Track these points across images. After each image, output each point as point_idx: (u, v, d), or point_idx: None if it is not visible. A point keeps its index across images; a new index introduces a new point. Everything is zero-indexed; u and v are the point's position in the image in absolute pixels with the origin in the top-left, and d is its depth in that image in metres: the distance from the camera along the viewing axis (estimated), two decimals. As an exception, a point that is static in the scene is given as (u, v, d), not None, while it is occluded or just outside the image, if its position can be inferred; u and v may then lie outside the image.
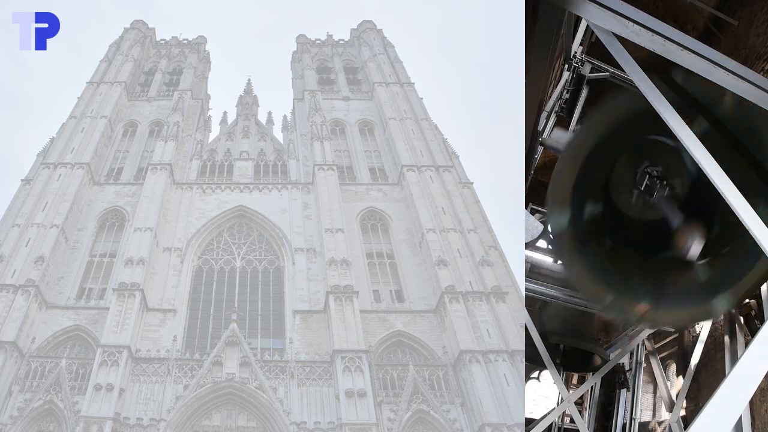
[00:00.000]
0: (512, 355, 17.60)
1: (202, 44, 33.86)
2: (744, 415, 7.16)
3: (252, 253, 22.27)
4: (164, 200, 22.87)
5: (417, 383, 17.39)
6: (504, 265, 20.52)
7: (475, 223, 21.97)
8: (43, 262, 19.99)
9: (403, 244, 22.11)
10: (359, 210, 23.24)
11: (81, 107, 26.96)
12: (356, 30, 33.81)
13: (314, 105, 27.75)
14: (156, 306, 19.73)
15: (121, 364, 17.29)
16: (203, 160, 25.92)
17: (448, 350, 18.47)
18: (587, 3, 5.16)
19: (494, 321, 18.64)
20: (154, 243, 21.17)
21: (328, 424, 16.66)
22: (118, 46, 31.41)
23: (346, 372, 17.35)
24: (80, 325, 19.17)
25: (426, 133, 25.83)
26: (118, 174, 25.10)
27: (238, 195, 23.99)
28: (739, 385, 3.56)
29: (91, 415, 16.24)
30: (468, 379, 17.37)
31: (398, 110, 27.04)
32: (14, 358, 17.58)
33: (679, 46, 5.50)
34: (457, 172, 24.28)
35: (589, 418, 15.11)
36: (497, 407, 16.62)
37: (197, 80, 31.01)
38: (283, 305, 20.33)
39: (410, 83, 28.83)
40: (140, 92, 29.69)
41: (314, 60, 31.99)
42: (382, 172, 25.32)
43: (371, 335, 18.79)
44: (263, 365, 17.93)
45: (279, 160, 26.07)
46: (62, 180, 23.12)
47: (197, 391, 17.25)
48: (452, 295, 19.23)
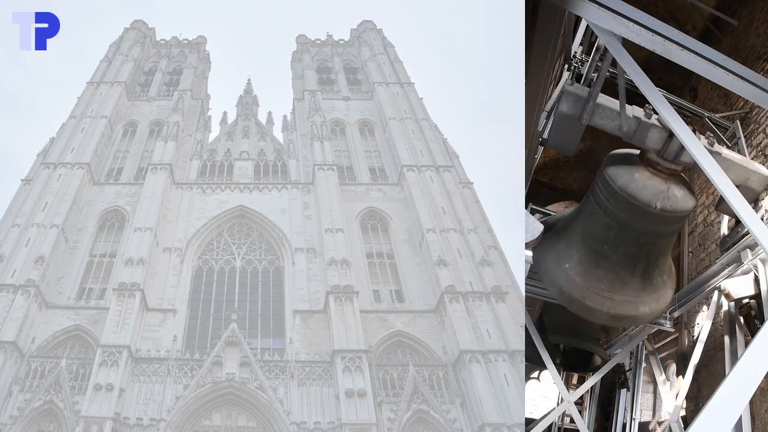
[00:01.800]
0: (512, 355, 17.59)
1: (202, 44, 33.85)
2: (744, 415, 7.17)
3: (252, 253, 22.27)
4: (164, 200, 22.86)
5: (417, 383, 17.39)
6: (504, 265, 20.51)
7: (475, 223, 21.96)
8: (43, 262, 19.99)
9: (403, 244, 22.10)
10: (359, 210, 23.24)
11: (81, 107, 26.94)
12: (356, 30, 33.80)
13: (314, 105, 27.74)
14: (156, 306, 19.72)
15: (121, 364, 17.28)
16: (203, 160, 25.91)
17: (448, 350, 18.46)
18: (587, 3, 5.16)
19: (494, 321, 18.63)
20: (154, 243, 21.16)
21: (328, 424, 16.66)
22: (118, 46, 31.40)
23: (346, 372, 17.34)
24: (80, 325, 19.17)
25: (426, 133, 25.82)
26: (118, 174, 25.09)
27: (238, 195, 23.98)
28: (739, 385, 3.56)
29: (91, 415, 16.23)
30: (468, 379, 17.36)
31: (398, 110, 27.03)
32: (14, 358, 17.57)
33: (679, 46, 5.51)
34: (457, 172, 24.27)
35: (589, 418, 15.11)
36: (497, 407, 16.61)
37: (197, 80, 31.00)
38: (283, 305, 20.33)
39: (410, 83, 28.82)
40: (140, 92, 29.68)
41: (314, 60, 31.98)
42: (382, 172, 25.31)
43: (371, 335, 18.78)
44: (263, 365, 17.92)
45: (279, 160, 26.06)
46: (62, 180, 23.11)
47: (197, 391, 17.24)
48: (452, 295, 19.22)
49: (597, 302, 7.28)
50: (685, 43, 5.50)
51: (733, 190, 4.89)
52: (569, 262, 7.43)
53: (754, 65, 10.01)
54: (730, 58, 5.73)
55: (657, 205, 6.51)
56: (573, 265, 7.40)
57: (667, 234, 7.09)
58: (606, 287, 7.24)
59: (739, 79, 5.72)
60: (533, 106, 6.64)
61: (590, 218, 7.30)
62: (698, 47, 5.56)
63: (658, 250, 7.23)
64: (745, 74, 5.74)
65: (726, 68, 5.67)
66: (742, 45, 10.92)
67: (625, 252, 7.10)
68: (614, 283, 7.26)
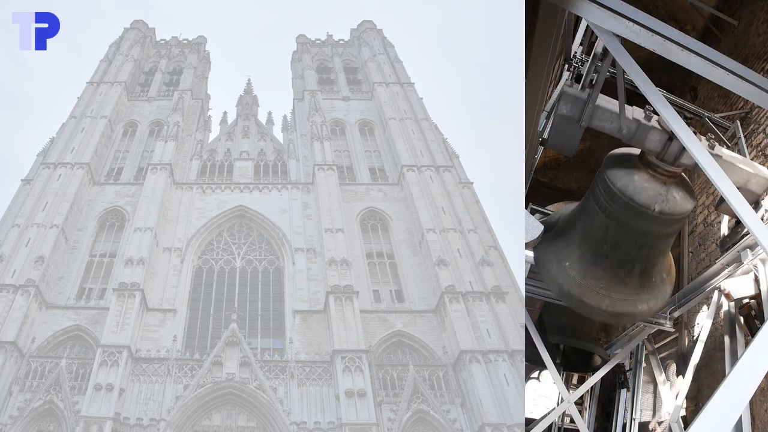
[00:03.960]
0: (512, 355, 17.59)
1: (202, 44, 33.84)
2: (744, 415, 7.17)
3: (252, 253, 22.27)
4: (164, 200, 22.86)
5: (417, 383, 17.39)
6: (504, 265, 20.51)
7: (475, 223, 21.96)
8: (43, 262, 19.98)
9: (403, 244, 22.10)
10: (359, 210, 23.23)
11: (81, 107, 26.95)
12: (356, 30, 33.79)
13: (314, 105, 27.74)
14: (156, 306, 19.72)
15: (121, 364, 17.28)
16: (203, 160, 25.91)
17: (448, 350, 18.46)
18: (587, 3, 5.16)
19: (494, 321, 18.63)
20: (154, 243, 21.16)
21: (328, 424, 16.66)
22: (118, 46, 31.40)
23: (346, 372, 17.34)
24: (80, 325, 19.17)
25: (426, 133, 25.81)
26: (118, 174, 25.09)
27: (238, 195, 23.98)
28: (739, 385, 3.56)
29: (91, 415, 16.23)
30: (468, 379, 17.37)
31: (398, 110, 27.03)
32: (14, 358, 17.57)
33: (679, 46, 5.51)
34: (457, 172, 24.27)
35: (589, 418, 15.10)
36: (497, 407, 16.62)
37: (197, 80, 30.99)
38: (283, 305, 20.32)
39: (410, 83, 28.82)
40: (140, 92, 29.67)
41: (314, 60, 31.98)
42: (382, 172, 25.31)
43: (371, 335, 18.78)
44: (263, 365, 17.92)
45: (279, 160, 26.06)
46: (62, 180, 23.11)
47: (197, 391, 17.24)
48: (452, 295, 19.22)
49: (596, 300, 7.32)
50: (685, 43, 5.50)
51: (734, 191, 4.89)
52: (569, 261, 7.45)
53: (754, 65, 10.01)
54: (730, 58, 5.73)
55: (656, 207, 6.53)
56: (572, 264, 7.43)
57: (666, 235, 7.11)
58: (605, 286, 7.28)
59: (739, 79, 5.72)
60: (533, 106, 6.65)
61: (590, 218, 7.31)
62: (698, 47, 5.56)
63: (657, 250, 7.25)
64: (745, 74, 5.74)
65: (726, 68, 5.67)
66: (742, 45, 10.91)
67: (623, 252, 7.12)
68: (613, 282, 7.29)
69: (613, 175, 6.79)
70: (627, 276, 7.26)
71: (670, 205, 6.58)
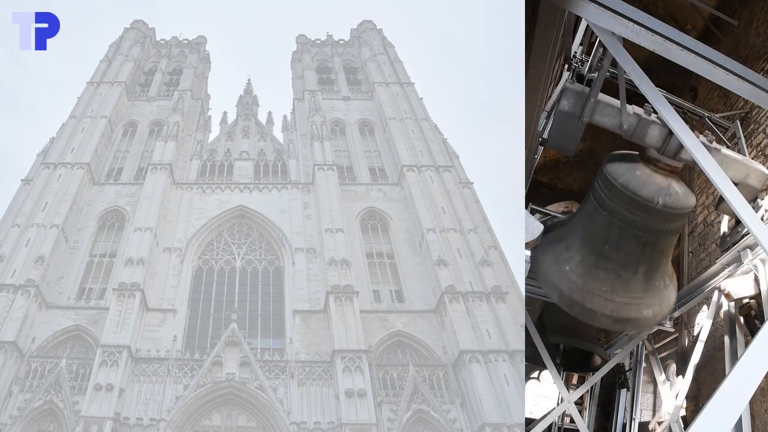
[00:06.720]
0: (512, 355, 17.59)
1: (202, 44, 33.85)
2: (744, 415, 7.16)
3: (252, 253, 22.27)
4: (164, 200, 22.87)
5: (417, 383, 17.39)
6: (504, 265, 20.51)
7: (475, 223, 21.96)
8: (43, 262, 19.99)
9: (403, 244, 22.10)
10: (359, 210, 23.24)
11: (81, 107, 26.95)
12: (356, 30, 33.80)
13: (314, 105, 27.74)
14: (156, 306, 19.73)
15: (121, 364, 17.28)
16: (203, 160, 25.91)
17: (448, 350, 18.47)
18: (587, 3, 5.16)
19: (494, 321, 18.63)
20: (154, 243, 21.17)
21: (328, 424, 16.66)
22: (118, 46, 31.40)
23: (346, 372, 17.35)
24: (80, 325, 19.17)
25: (426, 133, 25.82)
26: (118, 174, 25.09)
27: (238, 195, 23.98)
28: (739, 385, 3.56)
29: (91, 415, 16.23)
30: (468, 379, 17.37)
31: (398, 110, 27.03)
32: (14, 358, 17.57)
33: (679, 46, 5.50)
34: (457, 172, 24.27)
35: (589, 418, 15.09)
36: (497, 407, 16.62)
37: (197, 80, 31.00)
38: (283, 305, 20.33)
39: (410, 83, 28.82)
40: (140, 92, 29.68)
41: (314, 60, 31.98)
42: (382, 172, 25.31)
43: (371, 335, 18.78)
44: (263, 365, 17.92)
45: (279, 160, 26.06)
46: (62, 180, 23.11)
47: (197, 391, 17.24)
48: (452, 295, 19.22)
49: (598, 304, 7.21)
50: (685, 43, 5.49)
51: (733, 189, 4.89)
52: (569, 264, 7.39)
53: (754, 65, 10.00)
54: (729, 58, 5.73)
55: (659, 200, 6.49)
56: (573, 267, 7.36)
57: (669, 232, 7.06)
58: (607, 289, 7.19)
59: (739, 79, 5.72)
60: (533, 106, 6.64)
61: (591, 218, 7.27)
62: (698, 47, 5.56)
63: (660, 250, 7.20)
64: (745, 74, 5.74)
65: (726, 68, 5.66)
66: (742, 45, 10.91)
67: (626, 251, 7.07)
68: (616, 285, 7.20)
69: (614, 172, 6.78)
70: (630, 278, 7.17)
71: (673, 199, 6.56)
